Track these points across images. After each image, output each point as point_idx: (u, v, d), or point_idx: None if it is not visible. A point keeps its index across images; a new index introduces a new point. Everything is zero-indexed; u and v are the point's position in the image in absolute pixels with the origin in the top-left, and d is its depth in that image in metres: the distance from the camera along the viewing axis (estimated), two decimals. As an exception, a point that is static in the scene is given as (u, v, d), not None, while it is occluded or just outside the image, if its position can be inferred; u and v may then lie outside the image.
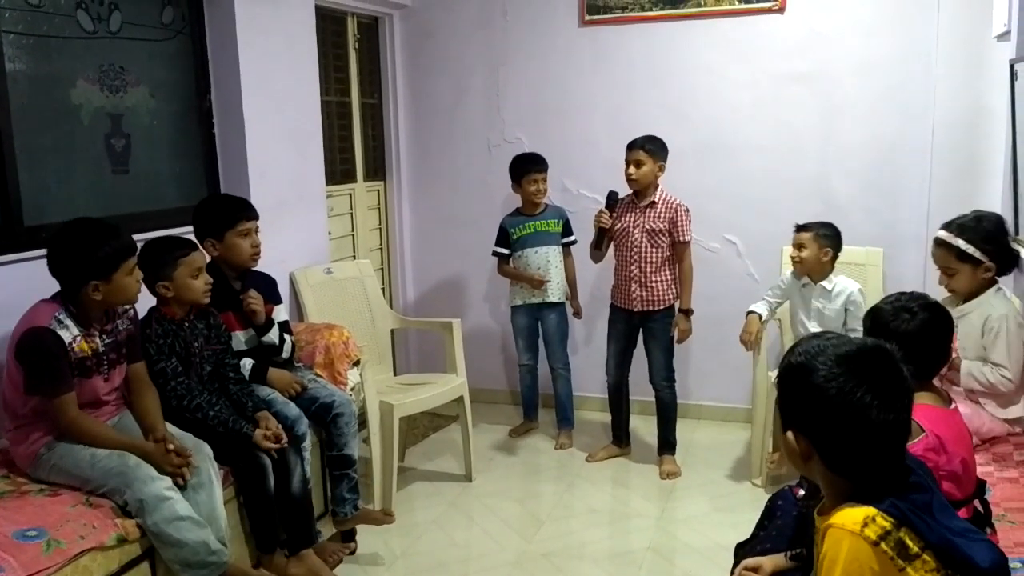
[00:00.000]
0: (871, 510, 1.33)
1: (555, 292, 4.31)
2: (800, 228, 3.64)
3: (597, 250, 4.01)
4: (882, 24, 4.09)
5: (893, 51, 4.09)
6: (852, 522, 1.32)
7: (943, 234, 2.80)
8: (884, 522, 1.32)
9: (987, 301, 2.76)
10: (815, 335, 1.49)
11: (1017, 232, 3.03)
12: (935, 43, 4.01)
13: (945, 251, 2.79)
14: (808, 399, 1.39)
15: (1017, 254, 2.78)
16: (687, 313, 3.88)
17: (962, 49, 3.97)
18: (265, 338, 3.07)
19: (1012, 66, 2.93)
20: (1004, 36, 3.44)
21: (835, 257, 3.61)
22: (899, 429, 1.37)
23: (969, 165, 4.02)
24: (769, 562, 1.84)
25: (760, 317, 3.73)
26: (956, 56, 3.98)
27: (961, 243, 2.74)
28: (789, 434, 1.44)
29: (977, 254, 2.72)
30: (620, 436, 4.21)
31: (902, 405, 1.36)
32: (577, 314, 4.48)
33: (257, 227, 3.07)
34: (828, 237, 3.58)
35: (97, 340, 2.45)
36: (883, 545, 1.30)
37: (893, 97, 4.12)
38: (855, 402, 1.34)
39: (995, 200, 3.56)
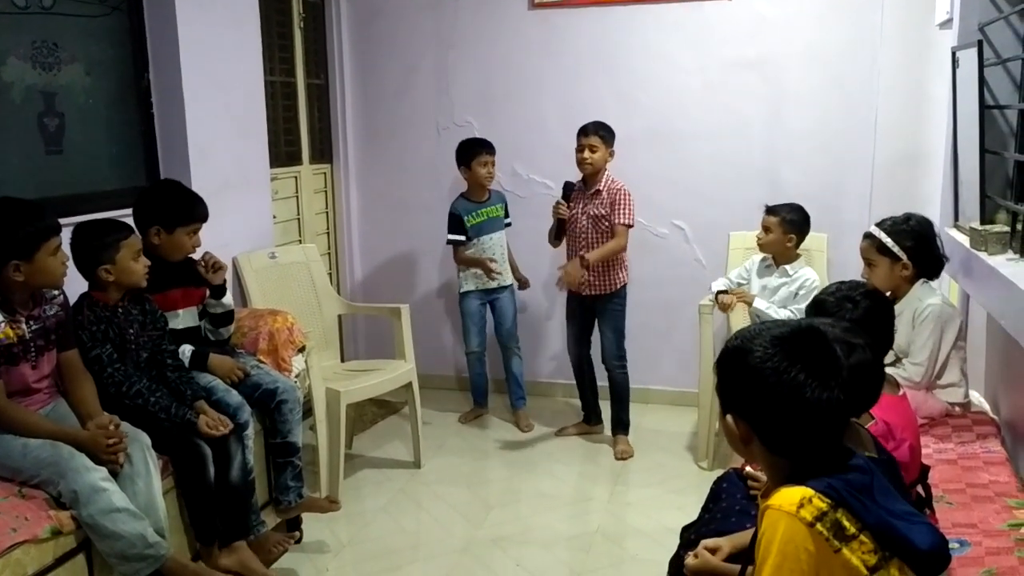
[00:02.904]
0: (807, 491, 1.34)
1: (507, 274, 4.37)
2: (770, 210, 3.67)
3: (556, 240, 4.04)
4: (828, 11, 4.14)
5: (839, 38, 4.14)
6: (788, 503, 1.33)
7: (871, 228, 2.90)
8: (820, 503, 1.32)
9: (914, 296, 2.83)
10: (759, 324, 1.50)
11: (957, 219, 3.09)
12: (880, 31, 4.06)
13: (869, 243, 2.88)
14: (744, 381, 1.40)
15: (942, 259, 2.85)
16: (583, 260, 3.80)
17: (906, 37, 4.03)
18: (226, 299, 3.03)
19: (954, 54, 2.98)
20: (947, 24, 3.49)
21: (799, 243, 3.66)
22: (835, 408, 1.37)
23: (912, 152, 4.10)
24: (728, 543, 1.85)
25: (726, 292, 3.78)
26: (900, 44, 4.05)
27: (883, 236, 2.82)
28: (728, 417, 1.45)
29: (896, 249, 2.80)
30: (588, 415, 4.28)
31: (836, 383, 1.37)
32: (524, 284, 4.51)
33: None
34: (794, 223, 3.63)
35: (23, 326, 2.37)
36: (819, 526, 1.31)
37: (838, 84, 4.17)
38: (789, 381, 1.35)
39: (936, 187, 3.63)
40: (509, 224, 4.43)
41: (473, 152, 4.23)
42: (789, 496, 1.34)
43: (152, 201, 2.95)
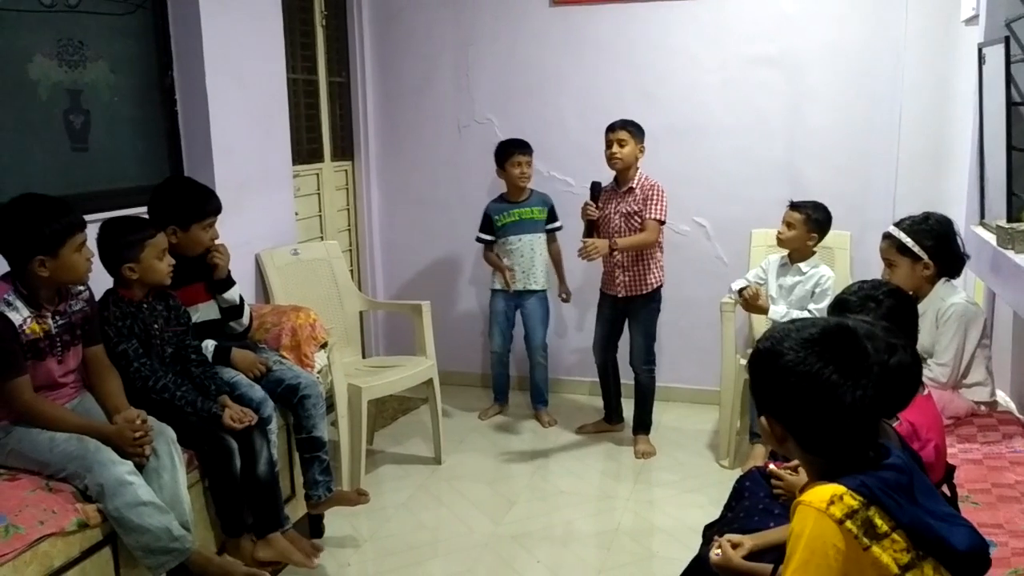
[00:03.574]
0: (840, 488, 1.34)
1: (538, 279, 4.31)
2: (794, 206, 3.65)
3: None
4: (851, 7, 4.10)
5: (862, 35, 4.10)
6: (819, 500, 1.34)
7: (890, 228, 2.88)
8: (852, 501, 1.33)
9: (937, 295, 2.81)
10: (789, 321, 1.51)
11: (983, 217, 3.05)
12: (904, 27, 4.03)
13: (889, 244, 2.86)
14: (777, 383, 1.41)
15: (963, 257, 2.83)
16: (612, 242, 3.78)
17: (931, 33, 3.99)
18: (226, 295, 3.04)
19: (980, 50, 2.94)
20: (972, 20, 3.45)
21: (819, 242, 3.64)
22: (868, 406, 1.37)
23: (936, 149, 4.06)
24: (750, 540, 1.84)
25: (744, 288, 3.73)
26: (925, 40, 4.01)
27: (903, 236, 2.80)
28: (763, 419, 1.46)
29: (916, 249, 2.78)
30: (610, 414, 4.28)
31: (868, 381, 1.37)
32: (566, 298, 4.49)
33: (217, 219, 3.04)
34: (818, 222, 3.61)
35: (49, 321, 2.39)
36: (848, 523, 1.31)
37: (862, 81, 4.13)
38: (822, 383, 1.35)
39: (961, 185, 3.59)
40: (559, 227, 4.37)
41: (506, 153, 4.24)
42: (820, 493, 1.35)
43: (163, 202, 2.95)
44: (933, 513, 1.37)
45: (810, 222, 3.60)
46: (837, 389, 1.35)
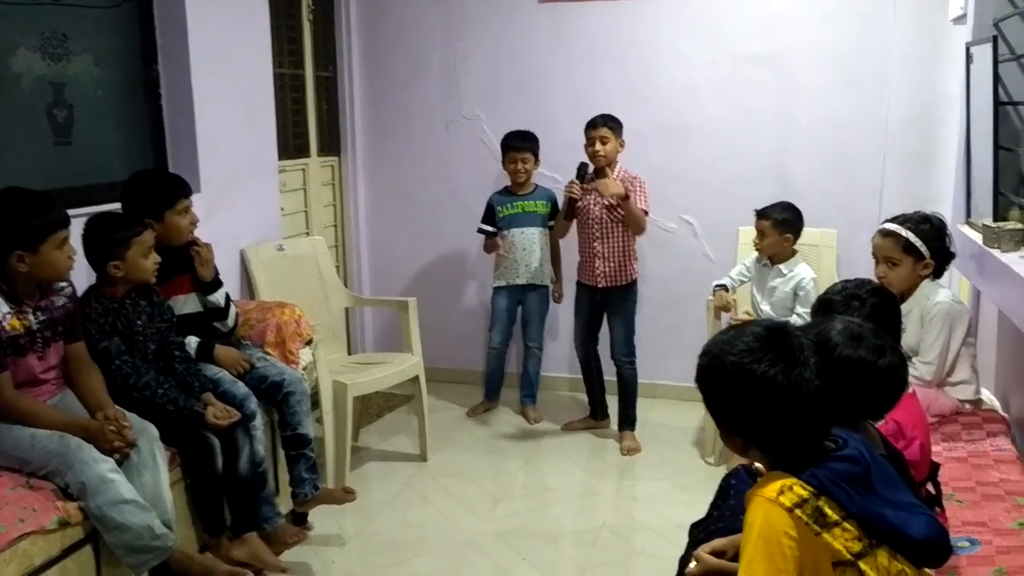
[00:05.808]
0: (790, 479, 1.38)
1: (540, 274, 4.31)
2: (760, 215, 3.67)
3: (566, 221, 4.03)
4: (840, 6, 4.11)
5: (850, 34, 4.11)
6: (770, 490, 1.37)
7: (892, 225, 2.85)
8: (802, 491, 1.36)
9: (922, 293, 2.81)
10: (721, 332, 1.53)
11: (969, 216, 3.06)
12: (892, 26, 4.03)
13: (893, 242, 2.82)
14: (726, 395, 1.45)
15: (950, 258, 2.84)
16: (625, 196, 3.77)
17: (919, 32, 4.00)
18: (211, 297, 3.01)
19: (968, 49, 2.95)
20: (960, 19, 3.46)
21: (796, 239, 3.66)
22: (816, 397, 1.39)
23: (923, 148, 4.07)
24: (727, 543, 1.84)
25: (727, 288, 3.81)
26: (912, 39, 4.02)
27: (911, 236, 2.79)
28: (723, 431, 1.51)
29: (923, 248, 2.78)
30: (595, 410, 4.27)
31: (811, 373, 1.39)
32: (558, 299, 4.49)
33: (192, 202, 3.00)
34: (787, 223, 3.63)
35: (30, 317, 2.37)
36: (798, 512, 1.34)
37: (850, 80, 4.14)
38: (758, 375, 1.38)
39: (948, 184, 3.60)
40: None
41: (505, 149, 4.26)
42: (772, 484, 1.38)
43: (131, 198, 2.91)
44: (893, 503, 1.41)
45: (779, 224, 3.63)
46: (783, 388, 1.38)
